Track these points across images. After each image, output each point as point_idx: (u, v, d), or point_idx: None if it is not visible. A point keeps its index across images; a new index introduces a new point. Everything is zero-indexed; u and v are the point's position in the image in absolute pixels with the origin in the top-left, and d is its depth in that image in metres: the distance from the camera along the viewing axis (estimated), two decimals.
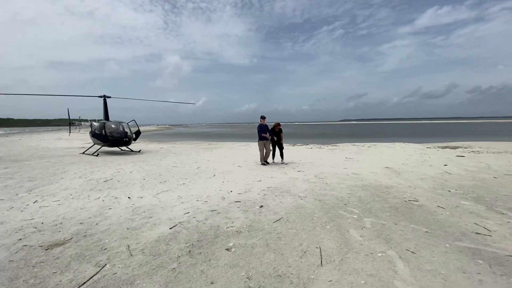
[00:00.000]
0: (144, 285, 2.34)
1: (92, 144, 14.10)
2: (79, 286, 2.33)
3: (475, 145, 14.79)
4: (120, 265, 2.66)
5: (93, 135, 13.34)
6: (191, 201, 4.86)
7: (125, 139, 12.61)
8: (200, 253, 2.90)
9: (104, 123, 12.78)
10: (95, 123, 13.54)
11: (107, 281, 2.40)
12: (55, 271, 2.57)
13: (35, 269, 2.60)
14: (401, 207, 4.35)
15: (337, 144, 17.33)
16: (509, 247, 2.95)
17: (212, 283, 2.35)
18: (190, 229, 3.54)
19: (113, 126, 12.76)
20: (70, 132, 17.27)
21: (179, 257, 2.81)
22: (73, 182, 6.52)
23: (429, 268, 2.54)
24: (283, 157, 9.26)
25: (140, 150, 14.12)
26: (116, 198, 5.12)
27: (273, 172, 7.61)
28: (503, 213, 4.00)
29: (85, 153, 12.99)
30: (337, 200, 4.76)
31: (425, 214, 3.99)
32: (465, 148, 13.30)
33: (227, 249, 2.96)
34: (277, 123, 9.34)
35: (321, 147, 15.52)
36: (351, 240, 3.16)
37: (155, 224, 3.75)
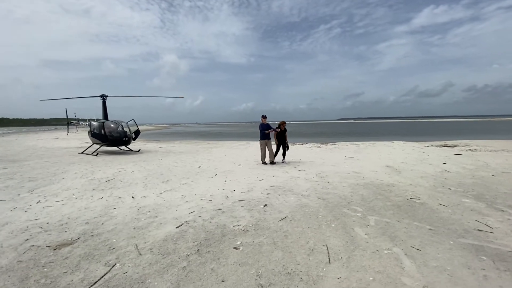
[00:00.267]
0: (156, 283, 2.37)
1: (91, 143, 14.03)
2: (91, 286, 2.35)
3: (472, 143, 14.96)
4: (130, 264, 2.68)
5: (92, 134, 13.27)
6: (195, 200, 4.88)
7: (124, 138, 12.57)
8: (209, 251, 2.92)
9: (103, 122, 12.72)
10: (94, 123, 13.48)
11: (118, 280, 2.42)
12: (65, 270, 2.58)
13: (45, 269, 2.61)
14: (403, 205, 4.41)
15: (336, 143, 17.42)
16: (511, 243, 3.02)
17: (223, 281, 2.38)
18: (197, 228, 3.57)
19: (112, 125, 12.70)
20: (68, 132, 17.13)
21: (188, 255, 2.84)
22: (74, 182, 6.51)
23: (435, 265, 2.59)
24: (284, 156, 9.28)
25: (139, 150, 14.08)
26: (119, 197, 5.12)
27: (275, 171, 7.65)
28: (503, 211, 4.08)
29: (84, 152, 12.93)
30: (340, 198, 4.81)
31: (427, 212, 4.05)
32: (463, 146, 13.44)
33: (235, 248, 2.99)
34: (282, 121, 9.22)
35: (320, 146, 15.59)
36: (357, 238, 3.21)
37: (161, 224, 3.77)
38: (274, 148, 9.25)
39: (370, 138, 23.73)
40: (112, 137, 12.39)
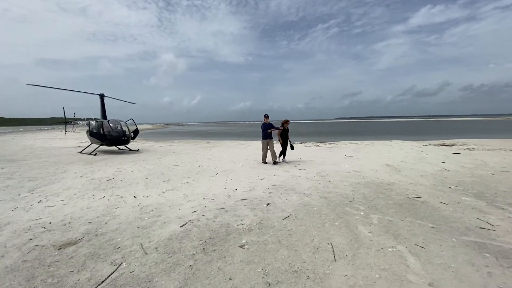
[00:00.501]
0: (163, 282, 2.37)
1: (90, 143, 13.95)
2: (98, 285, 2.34)
3: (469, 142, 15.09)
4: (136, 263, 2.68)
5: (91, 134, 13.20)
6: (197, 199, 4.88)
7: (123, 138, 12.52)
8: (215, 250, 2.93)
9: (102, 122, 12.65)
10: (92, 122, 13.40)
11: (125, 279, 2.42)
12: (71, 270, 2.58)
13: (51, 269, 2.61)
14: (405, 203, 4.45)
15: (335, 142, 17.48)
16: None
17: (230, 279, 2.39)
18: (201, 227, 3.57)
19: (111, 125, 12.64)
20: (66, 131, 17.02)
21: (194, 254, 2.84)
22: (75, 182, 6.47)
23: (439, 262, 2.62)
24: (285, 155, 9.27)
25: (138, 149, 14.04)
26: (121, 197, 5.11)
27: (275, 170, 7.67)
28: (503, 208, 4.13)
29: (83, 152, 12.86)
30: (342, 197, 4.84)
31: (429, 210, 4.09)
32: (461, 145, 13.56)
33: (240, 246, 3.00)
34: (285, 120, 9.15)
35: (319, 145, 15.64)
36: (361, 236, 3.23)
37: (165, 223, 3.77)
38: (276, 148, 9.20)
39: (368, 137, 23.85)
40: (111, 137, 12.34)
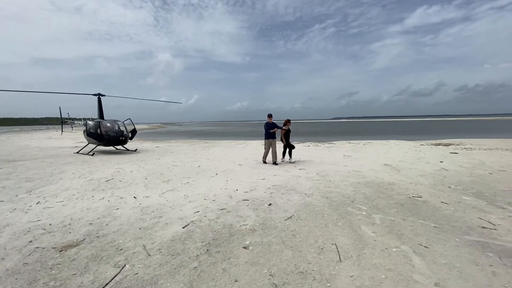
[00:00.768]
0: (168, 284, 2.34)
1: (87, 143, 13.82)
2: (102, 287, 2.31)
3: (466, 142, 15.23)
4: (140, 265, 2.65)
5: (88, 134, 13.07)
6: (198, 200, 4.85)
7: (121, 138, 12.42)
8: (219, 251, 2.91)
9: (99, 121, 12.53)
10: (89, 122, 13.26)
11: (130, 282, 2.38)
12: (74, 272, 2.54)
13: (53, 271, 2.56)
14: (406, 203, 4.47)
15: (333, 142, 17.53)
16: None
17: (236, 281, 2.38)
18: (204, 228, 3.55)
19: (108, 125, 12.53)
20: (63, 132, 16.84)
21: (198, 256, 2.82)
22: (73, 182, 6.40)
23: (444, 262, 2.63)
24: (284, 155, 9.24)
25: (136, 149, 13.95)
26: (121, 198, 5.06)
27: (275, 170, 7.66)
28: (504, 208, 4.16)
29: (80, 152, 12.74)
30: (343, 197, 4.84)
31: (430, 210, 4.11)
32: (457, 145, 13.68)
33: (244, 247, 2.99)
34: (287, 119, 9.07)
35: (318, 145, 15.67)
36: (364, 236, 3.24)
37: (166, 224, 3.74)
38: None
39: (366, 137, 23.96)
40: (109, 137, 12.23)
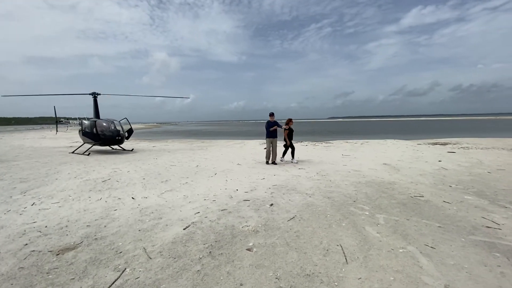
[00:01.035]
0: None
1: (82, 143, 13.60)
2: None
3: (462, 141, 15.35)
4: (140, 269, 2.56)
5: (84, 133, 12.87)
6: (198, 200, 4.76)
7: (117, 137, 12.24)
8: (222, 254, 2.83)
9: (95, 121, 12.34)
10: (85, 121, 13.05)
11: (130, 286, 2.30)
12: (72, 277, 2.44)
13: (50, 276, 2.46)
14: (408, 202, 4.44)
15: (331, 141, 17.55)
16: None
17: (241, 284, 2.30)
18: (205, 230, 3.46)
19: (104, 124, 12.34)
20: (57, 131, 16.57)
21: (200, 258, 2.74)
22: (69, 183, 6.26)
23: (452, 263, 2.59)
24: (284, 154, 9.11)
25: (132, 149, 13.77)
26: (119, 198, 4.95)
27: (275, 169, 7.60)
28: (506, 207, 4.15)
29: (75, 152, 12.53)
30: (345, 197, 4.80)
31: (433, 209, 4.08)
32: (454, 144, 13.77)
33: (248, 249, 2.91)
34: (289, 119, 8.91)
35: (316, 144, 15.66)
36: (369, 237, 3.19)
37: (167, 225, 3.65)
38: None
39: (363, 137, 24.05)
40: (105, 136, 12.05)
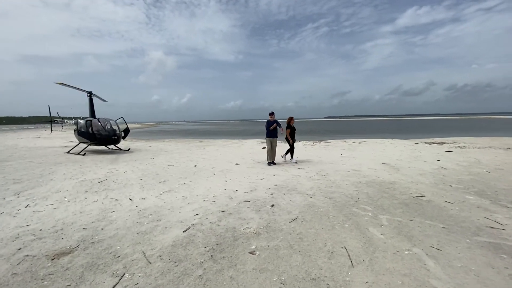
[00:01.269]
0: None
1: (78, 143, 13.39)
2: None
3: (459, 140, 15.42)
4: (140, 274, 2.47)
5: (79, 133, 12.66)
6: (197, 201, 4.67)
7: (113, 137, 12.06)
8: (224, 257, 2.75)
9: (90, 120, 12.14)
10: (80, 121, 12.83)
11: None
12: (68, 283, 2.34)
13: (45, 283, 2.36)
14: (410, 203, 4.40)
15: (328, 141, 17.53)
16: None
17: None
18: (206, 232, 3.38)
19: (100, 123, 12.14)
20: (52, 131, 16.32)
21: (202, 262, 2.66)
22: (64, 184, 6.12)
23: (459, 265, 2.54)
24: (287, 153, 8.94)
25: (129, 149, 13.60)
26: (116, 200, 4.84)
27: (274, 169, 7.52)
28: (508, 207, 4.13)
29: (71, 152, 12.32)
30: (346, 197, 4.74)
31: (436, 210, 4.04)
32: (451, 143, 13.82)
33: (251, 253, 2.84)
34: (290, 117, 8.75)
35: (314, 144, 15.62)
36: (374, 238, 3.13)
37: (166, 228, 3.55)
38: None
39: (360, 136, 24.10)
40: (101, 136, 11.86)
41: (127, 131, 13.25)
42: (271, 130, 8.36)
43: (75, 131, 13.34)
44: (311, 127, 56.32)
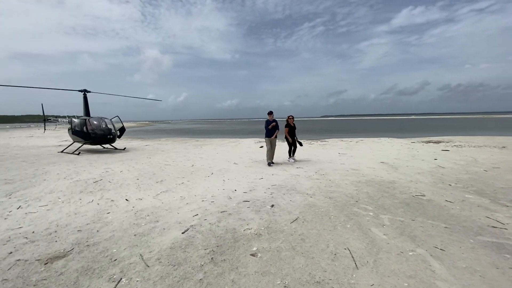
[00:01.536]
0: None
1: (72, 142, 13.16)
2: None
3: (454, 139, 15.54)
4: (138, 279, 2.38)
5: (73, 132, 12.43)
6: (196, 202, 4.58)
7: (109, 136, 11.87)
8: (224, 260, 2.67)
9: (85, 119, 11.92)
10: (75, 120, 12.60)
11: None
12: None
13: None
14: (411, 202, 4.37)
15: (326, 140, 17.53)
16: None
17: None
18: (205, 233, 3.30)
19: (95, 122, 11.94)
20: (45, 130, 16.02)
21: (202, 266, 2.57)
22: (58, 184, 5.97)
23: (464, 266, 2.50)
24: (293, 154, 8.84)
25: (124, 148, 13.41)
26: (112, 200, 4.72)
27: (273, 169, 7.46)
28: (508, 206, 4.12)
29: (65, 151, 12.09)
30: (346, 197, 4.70)
31: (437, 209, 4.02)
32: (447, 142, 13.92)
33: (252, 255, 2.76)
34: (289, 116, 8.66)
35: (311, 143, 15.59)
36: (377, 239, 3.08)
37: (164, 229, 3.46)
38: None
39: (357, 135, 24.19)
40: (96, 135, 11.66)
41: (122, 130, 13.07)
42: (270, 130, 8.27)
43: (69, 130, 13.10)
44: (307, 126, 56.41)
